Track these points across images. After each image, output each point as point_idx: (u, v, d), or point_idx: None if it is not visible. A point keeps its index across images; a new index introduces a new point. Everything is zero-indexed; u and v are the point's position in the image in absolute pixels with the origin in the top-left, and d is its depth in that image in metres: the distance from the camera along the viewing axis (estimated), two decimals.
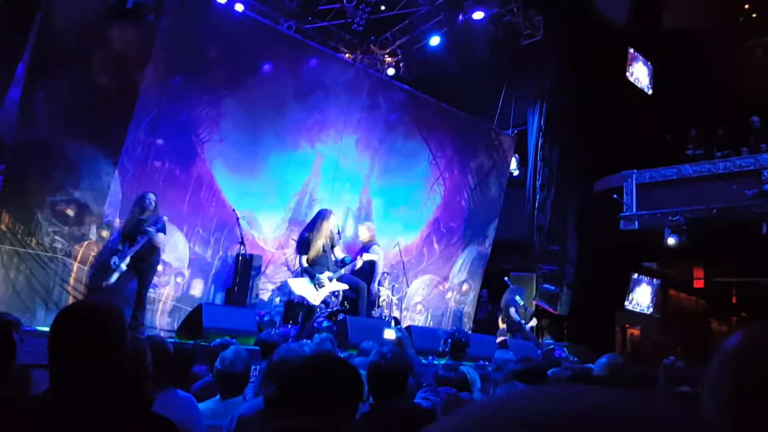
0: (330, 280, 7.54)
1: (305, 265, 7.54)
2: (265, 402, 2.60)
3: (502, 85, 12.67)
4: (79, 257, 7.63)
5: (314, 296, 7.46)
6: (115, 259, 6.91)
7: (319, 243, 7.55)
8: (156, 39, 8.13)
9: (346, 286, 7.85)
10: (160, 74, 8.26)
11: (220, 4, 9.12)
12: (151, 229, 6.90)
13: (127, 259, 6.81)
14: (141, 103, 8.07)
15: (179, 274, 8.53)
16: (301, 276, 7.69)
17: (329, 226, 7.63)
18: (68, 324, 1.67)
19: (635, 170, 12.47)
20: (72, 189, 7.60)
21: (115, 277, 6.77)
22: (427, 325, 11.59)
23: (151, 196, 7.24)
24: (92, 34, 7.66)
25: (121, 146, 7.93)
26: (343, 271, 7.75)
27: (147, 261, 7.04)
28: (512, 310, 10.15)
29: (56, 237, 7.53)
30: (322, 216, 7.73)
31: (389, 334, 8.36)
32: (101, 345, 1.62)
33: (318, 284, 7.44)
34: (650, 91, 14.91)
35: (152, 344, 2.70)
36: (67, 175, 7.56)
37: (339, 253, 7.82)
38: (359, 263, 7.99)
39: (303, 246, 7.59)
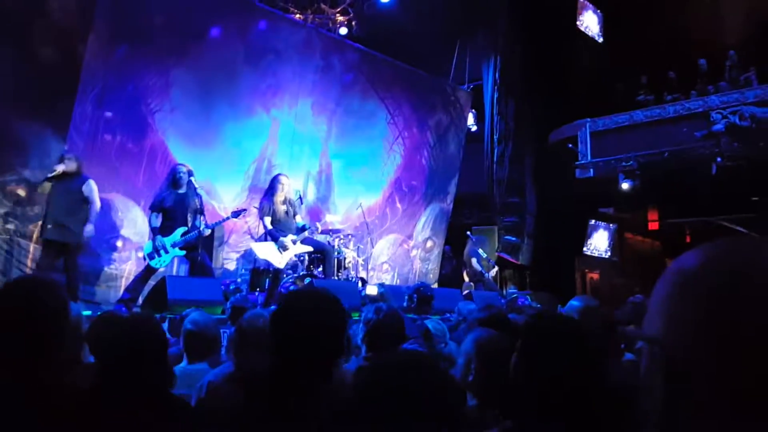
0: (294, 243, 7.59)
1: (269, 227, 7.59)
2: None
3: (455, 40, 12.61)
4: (35, 237, 7.46)
5: (278, 259, 7.51)
6: None
7: (280, 207, 7.61)
8: (97, 7, 7.83)
9: (310, 248, 7.94)
10: (104, 44, 7.98)
11: None
12: None
13: None
14: (85, 76, 7.79)
15: (140, 249, 8.41)
16: (265, 240, 7.75)
17: (284, 189, 7.74)
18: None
19: (589, 119, 12.64)
20: (21, 168, 7.39)
21: None
22: (395, 283, 11.73)
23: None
24: (30, 4, 7.35)
25: (69, 121, 7.69)
26: (306, 233, 7.80)
27: None
28: (474, 261, 10.37)
29: (9, 218, 7.34)
30: (275, 180, 7.86)
31: (372, 290, 8.54)
32: (32, 320, 1.61)
33: (282, 247, 7.48)
34: (601, 39, 15.03)
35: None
36: (15, 155, 7.33)
37: (298, 219, 7.90)
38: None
39: (264, 210, 7.63)
